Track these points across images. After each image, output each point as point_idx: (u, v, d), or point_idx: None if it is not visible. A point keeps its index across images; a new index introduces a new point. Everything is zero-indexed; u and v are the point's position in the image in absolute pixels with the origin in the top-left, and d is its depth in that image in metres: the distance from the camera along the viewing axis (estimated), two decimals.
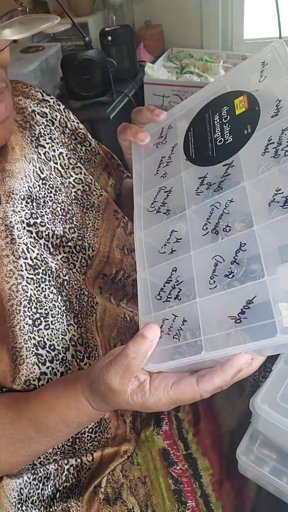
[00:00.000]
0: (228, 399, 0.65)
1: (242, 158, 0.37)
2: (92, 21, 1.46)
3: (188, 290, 0.36)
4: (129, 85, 1.37)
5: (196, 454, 0.61)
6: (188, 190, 0.40)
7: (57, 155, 0.61)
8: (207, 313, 0.33)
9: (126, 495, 0.57)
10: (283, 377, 0.48)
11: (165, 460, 0.60)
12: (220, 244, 0.35)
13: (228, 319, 0.32)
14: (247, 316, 0.31)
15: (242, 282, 0.32)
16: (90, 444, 0.56)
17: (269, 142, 0.36)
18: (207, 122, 0.43)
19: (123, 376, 0.39)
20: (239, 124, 0.39)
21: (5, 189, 0.52)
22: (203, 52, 1.55)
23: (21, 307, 0.49)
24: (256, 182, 0.35)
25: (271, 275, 0.30)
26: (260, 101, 0.39)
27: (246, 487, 0.55)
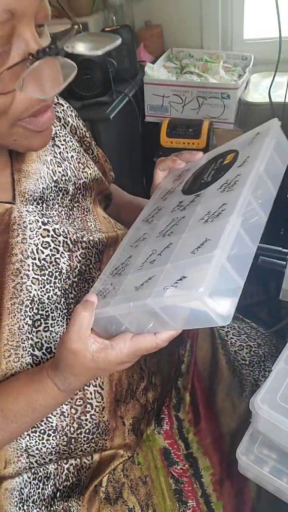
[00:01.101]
0: (229, 399, 0.65)
1: (207, 191, 0.51)
2: (92, 21, 1.46)
3: (127, 270, 0.48)
4: (129, 85, 1.37)
5: (197, 453, 0.61)
6: (168, 209, 0.54)
7: (69, 157, 0.61)
8: (128, 285, 0.45)
9: (127, 494, 0.57)
10: (283, 377, 0.48)
11: (166, 459, 0.60)
12: (160, 242, 0.48)
13: (133, 288, 0.44)
14: (143, 287, 0.42)
15: (155, 267, 0.44)
16: (87, 445, 0.56)
17: (225, 182, 0.48)
18: (206, 168, 0.56)
19: (79, 332, 0.43)
20: (219, 170, 0.53)
21: (20, 189, 0.52)
22: (203, 52, 1.54)
23: (22, 306, 0.49)
24: (203, 207, 0.48)
25: (171, 262, 0.42)
26: (239, 157, 0.52)
27: (247, 487, 0.56)
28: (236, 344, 0.71)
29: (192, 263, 0.40)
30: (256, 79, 1.45)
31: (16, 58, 0.39)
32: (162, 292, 0.39)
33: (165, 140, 1.41)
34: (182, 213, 0.50)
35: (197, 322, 0.39)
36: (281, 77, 1.21)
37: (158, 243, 0.48)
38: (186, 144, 1.39)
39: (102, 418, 0.56)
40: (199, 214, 0.47)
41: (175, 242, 0.45)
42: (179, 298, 0.38)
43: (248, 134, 0.56)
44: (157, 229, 0.52)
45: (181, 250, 0.43)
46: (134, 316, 0.43)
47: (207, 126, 1.36)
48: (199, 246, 0.41)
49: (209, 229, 0.42)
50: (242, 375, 0.67)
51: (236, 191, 0.44)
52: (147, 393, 0.63)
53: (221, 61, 1.48)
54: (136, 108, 1.41)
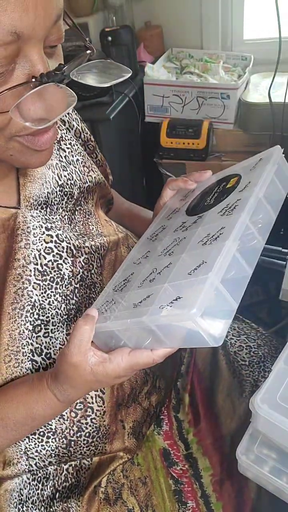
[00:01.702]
0: (228, 400, 0.65)
1: (209, 214, 0.52)
2: (92, 22, 1.46)
3: (129, 287, 0.49)
4: (129, 85, 1.37)
5: (197, 454, 0.61)
6: (172, 228, 0.56)
7: (75, 160, 0.61)
8: (128, 301, 0.47)
9: (126, 495, 0.57)
10: (283, 377, 0.48)
11: (166, 460, 0.60)
12: (161, 261, 0.49)
13: (132, 305, 0.45)
14: (141, 305, 0.44)
15: (153, 285, 0.45)
16: (86, 448, 0.56)
17: (226, 206, 0.50)
18: (210, 190, 0.58)
19: (80, 347, 0.44)
20: (222, 194, 0.54)
21: (26, 194, 0.52)
22: (203, 53, 1.55)
23: (23, 311, 0.49)
24: (203, 229, 0.49)
25: (169, 282, 0.43)
26: (241, 182, 0.53)
27: (247, 487, 0.55)
28: (236, 344, 0.71)
29: (188, 284, 0.41)
30: (256, 79, 1.45)
31: (20, 78, 0.37)
32: (158, 310, 0.40)
33: (165, 140, 1.41)
34: (184, 233, 0.52)
35: (191, 341, 0.41)
36: (281, 77, 1.21)
37: (159, 262, 0.50)
38: (186, 144, 1.39)
39: (103, 422, 0.56)
40: (199, 236, 0.48)
41: (174, 262, 0.46)
42: (174, 318, 0.39)
43: (251, 160, 0.58)
44: (159, 247, 0.53)
45: (179, 270, 0.44)
46: (132, 332, 0.44)
47: (207, 126, 1.36)
48: (196, 267, 0.42)
49: (206, 251, 0.44)
50: (242, 376, 0.67)
51: (234, 216, 0.46)
52: (150, 396, 0.63)
53: (221, 61, 1.48)
54: (136, 108, 1.41)
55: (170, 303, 0.40)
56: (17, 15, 0.33)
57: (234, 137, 1.39)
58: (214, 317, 0.38)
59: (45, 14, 0.35)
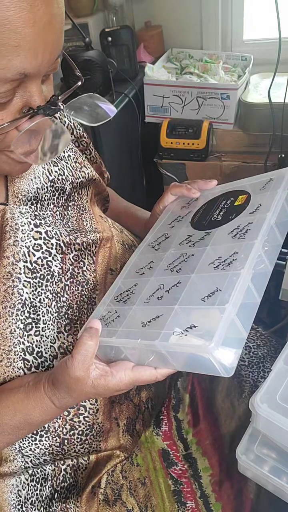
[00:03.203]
0: (228, 400, 0.65)
1: (217, 232, 0.52)
2: (92, 22, 1.46)
3: (133, 300, 0.50)
4: (129, 85, 1.37)
5: (196, 454, 0.61)
6: (177, 240, 0.56)
7: (66, 156, 0.61)
8: (133, 317, 0.47)
9: (125, 496, 0.57)
10: (283, 377, 0.48)
11: (165, 460, 0.60)
12: (169, 277, 0.49)
13: (140, 323, 0.45)
14: (151, 325, 0.44)
15: (163, 305, 0.46)
16: (80, 446, 0.56)
17: (237, 227, 0.50)
18: (216, 203, 0.58)
19: (83, 362, 0.44)
20: (231, 211, 0.54)
21: (14, 189, 0.52)
22: (203, 53, 1.55)
23: (14, 310, 0.49)
24: (213, 249, 0.49)
25: (181, 305, 0.43)
26: (251, 202, 0.54)
27: (246, 488, 0.55)
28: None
29: (202, 312, 0.41)
30: (256, 80, 1.45)
31: (17, 105, 0.40)
32: (171, 336, 0.40)
33: (165, 141, 1.41)
34: (191, 250, 0.52)
35: (199, 368, 0.41)
36: (280, 77, 1.21)
37: (166, 278, 0.49)
38: (186, 144, 1.39)
39: (96, 420, 0.56)
40: (210, 256, 0.48)
41: (184, 282, 0.46)
42: (190, 348, 0.39)
43: (261, 177, 0.59)
44: (164, 260, 0.53)
45: (190, 293, 0.44)
46: (137, 350, 0.44)
47: (207, 126, 1.37)
48: (209, 294, 0.42)
49: (220, 277, 0.44)
50: (241, 376, 0.67)
51: (248, 242, 0.46)
52: (140, 392, 0.64)
53: (221, 61, 1.48)
54: (136, 108, 1.41)
55: (184, 331, 0.40)
56: (28, 59, 0.36)
57: (234, 137, 1.39)
58: (227, 347, 0.39)
59: (50, 58, 0.39)
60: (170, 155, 1.42)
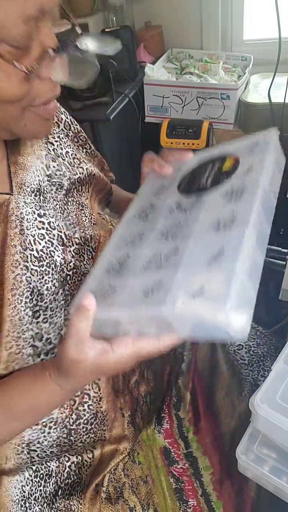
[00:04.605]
0: (228, 399, 0.65)
1: (210, 196, 0.50)
2: (92, 22, 1.46)
3: (128, 270, 0.47)
4: (129, 86, 1.37)
5: (197, 453, 0.61)
6: (166, 209, 0.53)
7: (64, 153, 0.62)
8: (132, 286, 0.44)
9: (127, 494, 0.58)
10: (283, 377, 0.48)
11: (166, 458, 0.61)
12: (164, 245, 0.47)
13: (140, 292, 0.42)
14: (150, 293, 0.41)
15: (163, 273, 0.43)
16: (86, 436, 0.57)
17: (230, 189, 0.48)
18: (203, 170, 0.56)
19: (77, 344, 0.43)
20: (220, 176, 0.52)
21: (17, 180, 0.53)
22: (203, 53, 1.55)
23: (23, 297, 0.50)
24: (208, 213, 0.47)
25: (183, 271, 0.40)
26: (241, 164, 0.52)
27: (247, 486, 0.56)
28: (236, 343, 0.72)
29: (208, 275, 0.39)
30: (256, 80, 1.45)
31: (36, 51, 0.42)
32: (177, 302, 0.38)
33: (165, 141, 1.41)
34: (183, 215, 0.50)
35: (210, 334, 0.38)
36: (280, 77, 1.21)
37: (162, 245, 0.47)
38: (186, 144, 1.39)
39: (99, 408, 0.57)
40: (205, 221, 0.46)
41: (183, 248, 0.44)
42: (199, 313, 0.36)
43: (246, 141, 0.57)
44: (156, 229, 0.51)
45: (192, 257, 0.42)
46: (139, 321, 0.42)
47: (207, 126, 1.37)
48: (214, 256, 0.40)
49: (222, 238, 0.42)
50: (241, 375, 0.67)
51: (245, 202, 0.44)
52: (138, 386, 0.64)
53: (221, 61, 1.48)
54: (136, 108, 1.41)
55: (192, 296, 0.37)
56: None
57: (234, 137, 1.38)
58: (240, 310, 0.36)
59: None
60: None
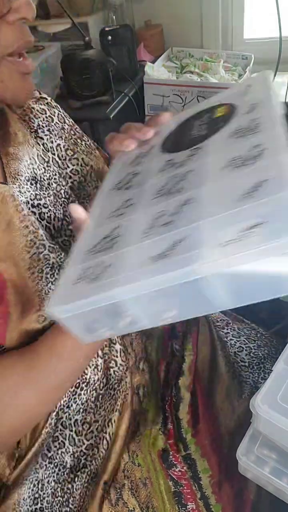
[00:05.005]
0: (228, 400, 0.65)
1: (211, 142, 0.41)
2: (92, 21, 1.46)
3: (123, 242, 0.36)
4: (129, 85, 1.37)
5: (195, 455, 0.61)
6: (153, 170, 0.43)
7: (55, 146, 0.62)
8: (133, 257, 0.33)
9: (127, 496, 0.57)
10: (283, 378, 0.48)
11: (164, 462, 0.60)
12: (168, 201, 0.36)
13: (151, 258, 0.31)
14: (172, 253, 0.30)
15: (178, 228, 0.32)
16: (109, 402, 0.59)
17: (237, 128, 0.40)
18: (188, 125, 0.48)
19: None
20: (215, 123, 0.44)
21: (10, 171, 0.53)
22: (203, 52, 1.54)
23: (43, 274, 0.50)
24: (218, 155, 0.38)
25: (208, 217, 0.30)
26: (238, 107, 0.44)
27: (246, 489, 0.55)
28: (236, 345, 0.71)
29: (254, 209, 0.29)
30: None
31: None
32: (214, 250, 0.27)
33: None
34: (184, 168, 0.40)
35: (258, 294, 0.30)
36: (281, 76, 1.21)
37: (163, 203, 0.37)
38: None
39: (125, 378, 0.60)
40: (219, 162, 0.37)
41: (199, 195, 0.34)
42: (260, 253, 0.26)
43: (235, 89, 0.50)
44: (148, 191, 0.40)
45: (217, 200, 0.32)
46: (149, 299, 0.32)
47: None
48: (251, 189, 0.31)
49: (255, 171, 0.33)
50: (242, 377, 0.67)
51: (267, 132, 0.37)
52: (132, 375, 0.64)
53: (221, 60, 1.48)
54: (136, 107, 1.41)
55: (238, 236, 0.27)
56: None
57: None
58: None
59: None
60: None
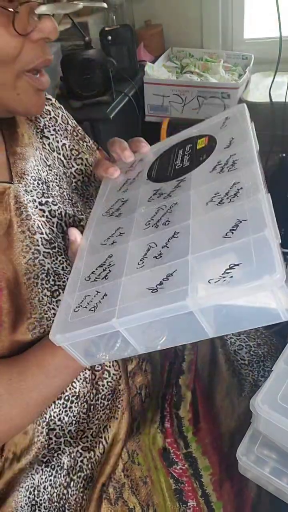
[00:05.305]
0: (228, 398, 0.65)
1: (194, 175, 0.45)
2: (92, 21, 1.46)
3: (118, 271, 0.39)
4: (129, 84, 1.37)
5: (196, 453, 0.61)
6: (142, 199, 0.47)
7: (60, 146, 0.62)
8: (128, 288, 0.36)
9: (127, 495, 0.57)
10: (283, 378, 0.48)
11: (165, 460, 0.60)
12: (156, 233, 0.40)
13: (146, 290, 0.34)
14: (164, 286, 0.34)
15: (169, 261, 0.36)
16: (102, 412, 0.59)
17: (217, 163, 0.44)
18: (172, 155, 0.52)
19: None
20: (197, 155, 0.48)
21: (17, 170, 0.53)
22: (203, 52, 1.54)
23: (38, 280, 0.50)
24: (200, 190, 0.42)
25: (194, 253, 0.34)
26: (218, 140, 0.48)
27: (247, 487, 0.56)
28: (236, 343, 0.71)
29: (235, 248, 0.32)
30: (257, 79, 1.45)
31: (24, 12, 0.42)
32: (202, 288, 0.31)
33: None
34: (170, 200, 0.44)
35: (258, 319, 0.33)
36: (281, 76, 1.21)
37: (153, 235, 0.41)
38: None
39: (117, 386, 0.59)
40: (203, 197, 0.40)
41: (184, 230, 0.38)
42: (240, 291, 0.30)
43: (213, 120, 0.53)
44: (136, 222, 0.44)
45: (201, 236, 0.36)
46: (148, 327, 0.36)
47: None
48: (232, 228, 0.34)
49: (234, 210, 0.36)
50: (242, 375, 0.67)
51: (244, 170, 0.40)
52: (134, 376, 0.65)
53: (221, 60, 1.48)
54: (136, 107, 1.41)
55: (224, 274, 0.31)
56: None
57: None
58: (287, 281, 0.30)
59: None
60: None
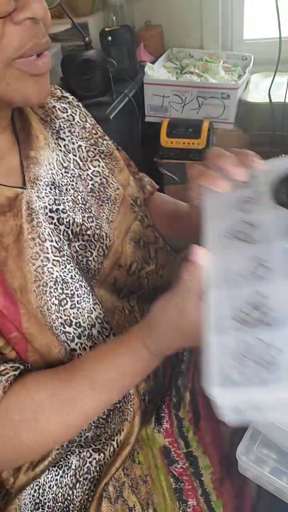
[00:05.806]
0: None
1: None
2: (92, 21, 1.46)
3: (280, 318, 0.34)
4: (129, 85, 1.37)
5: (197, 452, 0.61)
6: (278, 229, 0.40)
7: (76, 147, 0.62)
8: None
9: (127, 493, 0.58)
10: None
11: (166, 458, 0.60)
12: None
13: None
14: None
15: None
16: (118, 416, 0.59)
17: None
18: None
19: (186, 295, 0.41)
20: None
21: (30, 175, 0.53)
22: (203, 52, 1.55)
23: (47, 288, 0.51)
24: None
25: None
26: None
27: (247, 486, 0.56)
28: None
29: None
30: (256, 79, 1.45)
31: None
32: None
33: (165, 140, 1.41)
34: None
35: None
36: (281, 77, 1.22)
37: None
38: (186, 144, 1.39)
39: (131, 389, 0.59)
40: None
41: None
42: None
43: None
44: (282, 257, 0.38)
45: None
46: None
47: (207, 126, 1.37)
48: None
49: None
50: None
51: None
52: (138, 384, 0.64)
53: (221, 61, 1.48)
54: (136, 108, 1.41)
55: None
56: None
57: (234, 137, 1.39)
58: None
59: None
60: (170, 154, 1.43)
